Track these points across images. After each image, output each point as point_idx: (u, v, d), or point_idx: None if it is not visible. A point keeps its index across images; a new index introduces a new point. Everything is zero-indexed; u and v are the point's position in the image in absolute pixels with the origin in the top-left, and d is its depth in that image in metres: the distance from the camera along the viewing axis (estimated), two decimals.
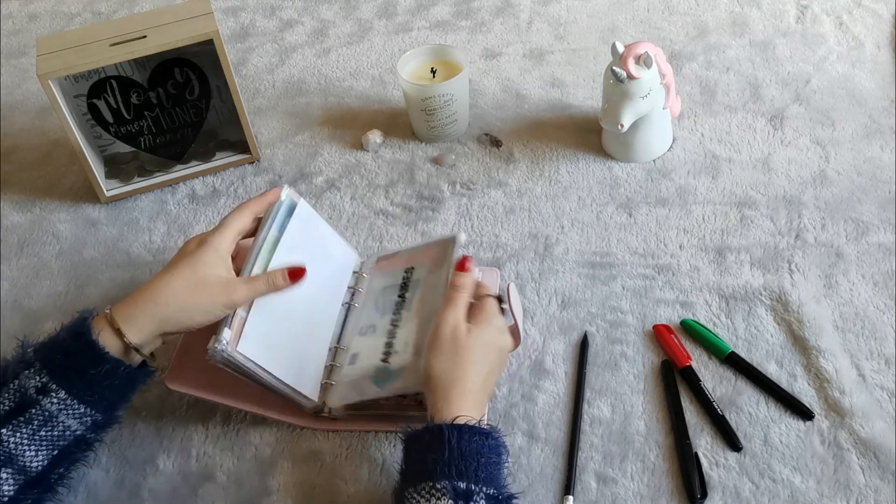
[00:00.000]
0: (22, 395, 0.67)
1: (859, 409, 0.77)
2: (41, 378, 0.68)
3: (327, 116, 1.21)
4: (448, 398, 0.69)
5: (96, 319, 0.71)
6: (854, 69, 1.17)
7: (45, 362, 0.69)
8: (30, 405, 0.67)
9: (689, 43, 1.26)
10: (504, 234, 0.99)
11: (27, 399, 0.67)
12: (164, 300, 0.71)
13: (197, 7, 1.05)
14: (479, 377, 0.71)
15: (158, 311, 0.71)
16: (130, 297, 0.72)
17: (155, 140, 1.13)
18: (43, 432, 0.67)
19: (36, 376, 0.68)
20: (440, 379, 0.70)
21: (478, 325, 0.74)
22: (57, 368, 0.68)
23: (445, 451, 0.64)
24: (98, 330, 0.70)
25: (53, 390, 0.68)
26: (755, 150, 1.06)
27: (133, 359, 0.72)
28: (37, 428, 0.67)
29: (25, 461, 0.67)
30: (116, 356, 0.70)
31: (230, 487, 0.77)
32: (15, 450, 0.66)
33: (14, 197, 1.13)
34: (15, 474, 0.66)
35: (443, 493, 0.62)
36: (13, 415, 0.67)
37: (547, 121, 1.15)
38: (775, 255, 0.92)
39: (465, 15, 1.39)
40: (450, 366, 0.71)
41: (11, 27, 1.52)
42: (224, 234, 0.76)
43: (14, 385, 0.68)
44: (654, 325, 0.86)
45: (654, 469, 0.75)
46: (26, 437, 0.67)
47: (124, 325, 0.70)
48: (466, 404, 0.69)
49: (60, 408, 0.68)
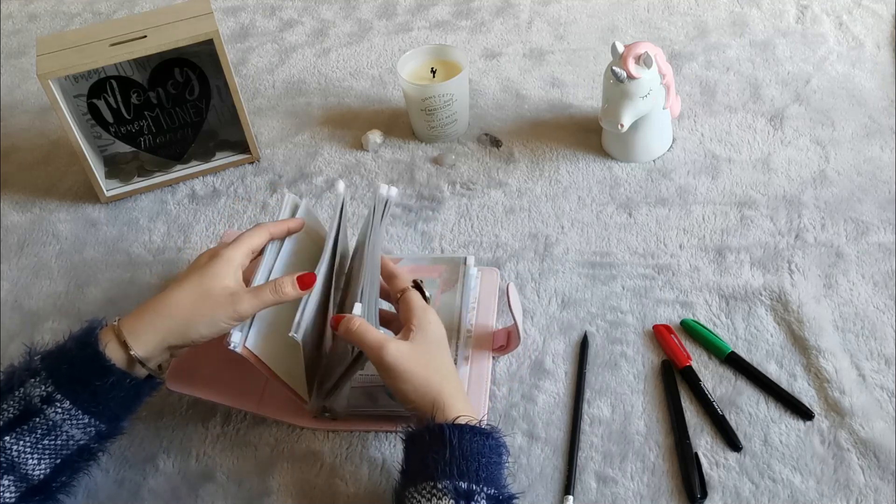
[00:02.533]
0: (27, 403, 0.67)
1: (859, 409, 0.77)
2: (46, 387, 0.67)
3: (327, 116, 1.21)
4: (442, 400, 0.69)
5: (104, 330, 0.71)
6: (854, 69, 1.17)
7: (51, 371, 0.68)
8: (34, 414, 0.67)
9: (689, 43, 1.26)
10: (504, 234, 0.99)
11: (32, 408, 0.67)
12: (170, 312, 0.71)
13: (197, 7, 1.05)
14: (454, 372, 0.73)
15: (164, 324, 0.70)
16: (138, 309, 0.72)
17: (155, 140, 1.13)
18: (46, 441, 0.67)
19: (41, 385, 0.68)
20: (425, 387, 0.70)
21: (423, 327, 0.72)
22: (63, 378, 0.68)
23: (447, 450, 0.64)
24: (105, 341, 0.69)
25: (58, 400, 0.67)
26: (755, 150, 1.06)
27: (139, 371, 0.72)
28: (40, 437, 0.67)
29: (28, 469, 0.67)
30: (122, 368, 0.70)
31: (230, 487, 0.77)
32: (18, 458, 0.66)
33: (14, 197, 1.13)
34: (17, 482, 0.66)
35: (444, 493, 0.62)
36: (17, 423, 0.67)
37: (547, 121, 1.15)
38: (775, 255, 0.92)
39: (465, 15, 1.39)
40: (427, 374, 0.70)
41: (11, 27, 1.52)
42: (237, 247, 0.75)
43: (19, 393, 0.67)
44: (654, 325, 0.86)
45: (654, 469, 0.75)
46: (29, 446, 0.67)
47: (130, 338, 0.70)
48: (461, 404, 0.69)
49: (64, 417, 0.68)
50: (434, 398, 0.69)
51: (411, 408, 0.71)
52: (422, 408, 0.69)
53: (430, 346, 0.72)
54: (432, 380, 0.70)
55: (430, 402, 0.69)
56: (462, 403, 0.70)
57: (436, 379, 0.70)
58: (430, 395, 0.69)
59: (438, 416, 0.68)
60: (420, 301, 0.75)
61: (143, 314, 0.71)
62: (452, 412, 0.68)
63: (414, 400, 0.70)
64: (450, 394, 0.70)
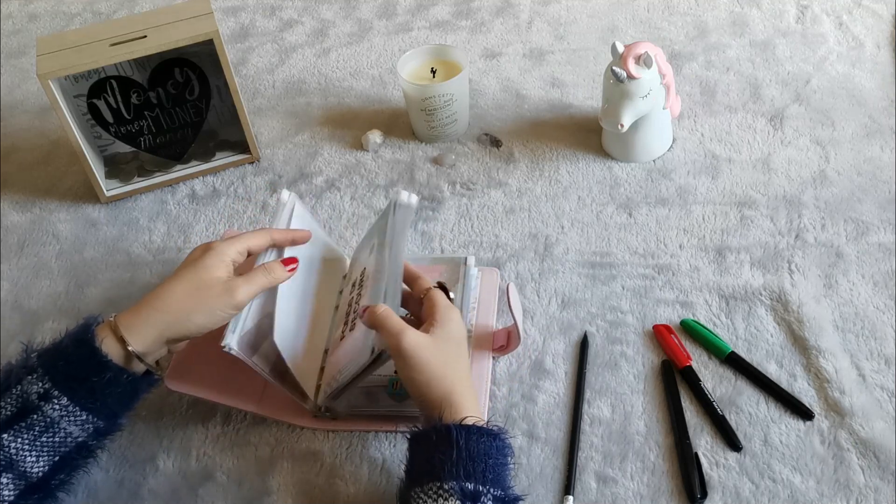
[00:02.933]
0: (24, 400, 0.67)
1: (859, 409, 0.77)
2: (43, 384, 0.67)
3: (327, 116, 1.21)
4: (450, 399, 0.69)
5: (100, 326, 0.71)
6: (854, 69, 1.17)
7: (47, 368, 0.68)
8: (31, 411, 0.67)
9: (689, 43, 1.26)
10: (504, 234, 0.99)
11: (29, 405, 0.67)
12: (166, 307, 0.71)
13: (197, 7, 1.05)
14: (467, 372, 0.72)
15: (160, 318, 0.70)
16: (135, 305, 0.71)
17: (155, 140, 1.13)
18: (44, 438, 0.67)
19: (38, 382, 0.67)
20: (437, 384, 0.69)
21: (442, 325, 0.72)
22: (59, 375, 0.68)
23: (453, 451, 0.64)
24: (101, 337, 0.69)
25: (55, 397, 0.67)
26: (755, 150, 1.06)
27: (137, 367, 0.72)
28: (38, 434, 0.67)
29: (26, 467, 0.67)
30: (119, 364, 0.70)
31: (230, 487, 0.77)
32: (16, 455, 0.66)
33: (14, 197, 1.13)
34: (15, 479, 0.66)
35: (450, 494, 0.62)
36: (14, 420, 0.67)
37: (547, 121, 1.15)
38: (775, 255, 0.92)
39: (465, 15, 1.39)
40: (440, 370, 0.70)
41: (11, 27, 1.52)
42: (233, 243, 0.75)
43: (17, 390, 0.67)
44: (654, 325, 0.86)
45: (654, 469, 0.75)
46: (27, 443, 0.67)
47: (127, 333, 0.69)
48: (474, 406, 0.69)
49: (62, 414, 0.68)
50: (444, 395, 0.69)
51: (420, 402, 0.70)
52: (430, 403, 0.69)
53: (449, 342, 0.72)
54: (445, 376, 0.69)
55: (439, 398, 0.69)
56: (471, 404, 0.69)
57: (449, 375, 0.70)
58: (440, 390, 0.69)
59: (446, 415, 0.68)
60: (444, 300, 0.75)
61: (139, 310, 0.71)
62: (461, 412, 0.67)
63: (424, 393, 0.69)
64: (461, 393, 0.69)
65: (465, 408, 0.68)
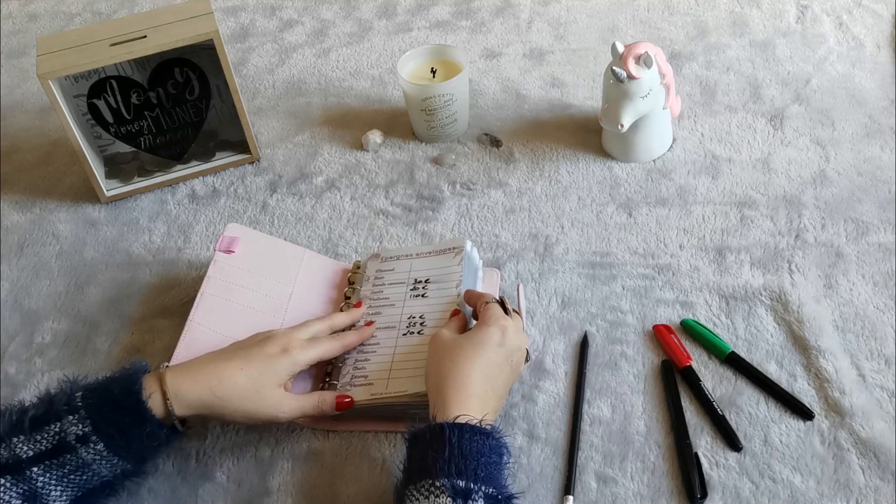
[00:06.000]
0: (61, 439, 0.67)
1: (859, 409, 0.77)
2: (84, 427, 0.68)
3: (327, 116, 1.21)
4: (447, 398, 0.69)
5: (149, 378, 0.72)
6: (854, 69, 1.17)
7: (91, 411, 0.69)
8: (67, 451, 0.67)
9: (689, 43, 1.26)
10: (504, 234, 0.99)
11: (66, 445, 0.67)
12: (221, 390, 0.72)
13: (197, 7, 1.05)
14: (480, 376, 0.71)
15: (208, 397, 0.72)
16: (191, 370, 0.73)
17: (155, 140, 1.13)
18: (73, 476, 0.68)
19: (79, 424, 0.68)
20: (440, 380, 0.71)
21: (476, 328, 0.75)
22: (102, 422, 0.68)
23: (446, 449, 0.64)
24: (149, 391, 0.70)
25: (93, 441, 0.68)
26: (755, 150, 1.06)
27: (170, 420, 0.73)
28: (68, 472, 0.68)
29: (49, 500, 0.67)
30: (160, 419, 0.71)
31: (230, 487, 0.77)
32: (42, 489, 0.67)
33: (14, 197, 1.13)
34: None
35: (441, 491, 0.62)
36: (48, 456, 0.67)
37: (547, 121, 1.15)
38: (775, 255, 0.92)
39: (465, 15, 1.39)
40: (448, 367, 0.71)
41: (11, 27, 1.52)
42: (308, 353, 0.78)
43: (55, 427, 0.68)
44: (654, 325, 0.86)
45: (654, 469, 0.75)
46: (55, 479, 0.67)
47: (175, 399, 0.71)
48: (469, 404, 0.69)
49: (96, 458, 0.68)
50: (446, 393, 0.70)
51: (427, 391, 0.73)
52: (432, 397, 0.71)
53: (472, 343, 0.73)
54: (457, 374, 0.71)
55: (439, 394, 0.70)
56: (475, 405, 0.69)
57: (460, 375, 0.71)
58: (443, 387, 0.70)
59: (440, 414, 0.68)
60: (497, 309, 0.77)
61: (191, 373, 0.73)
62: (456, 410, 0.68)
63: (430, 386, 0.73)
64: (467, 394, 0.70)
65: (462, 406, 0.68)
